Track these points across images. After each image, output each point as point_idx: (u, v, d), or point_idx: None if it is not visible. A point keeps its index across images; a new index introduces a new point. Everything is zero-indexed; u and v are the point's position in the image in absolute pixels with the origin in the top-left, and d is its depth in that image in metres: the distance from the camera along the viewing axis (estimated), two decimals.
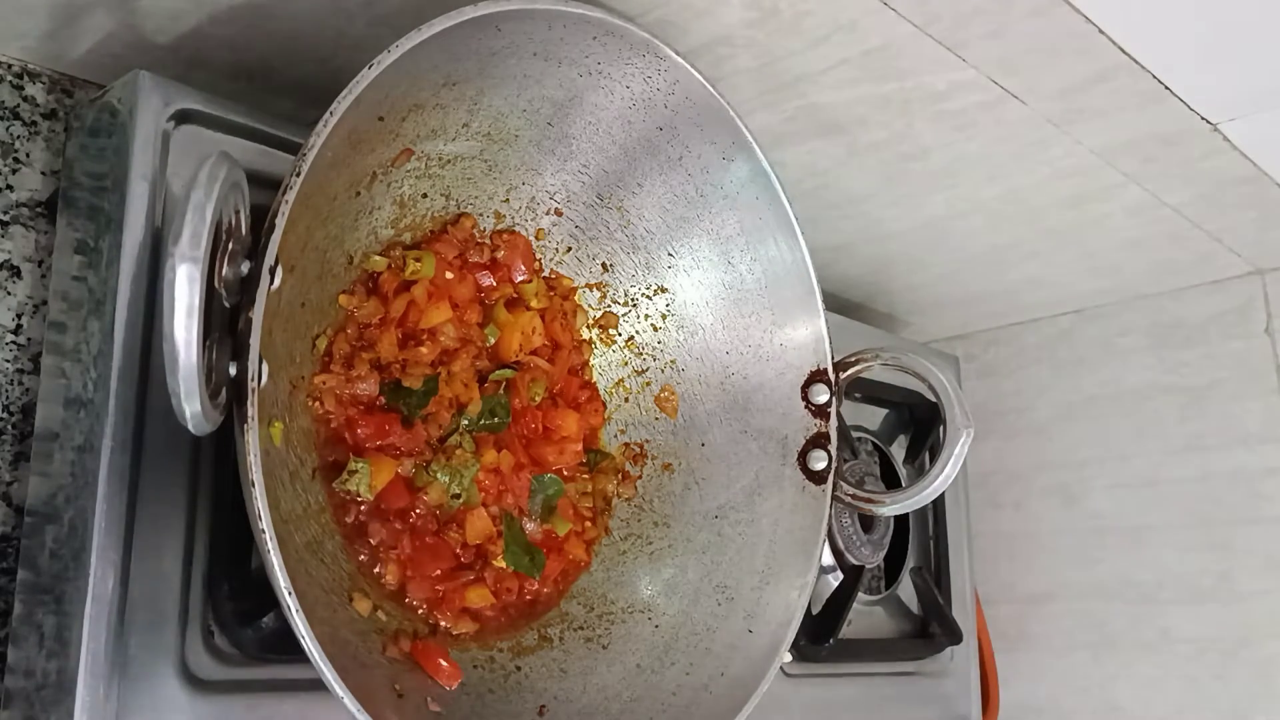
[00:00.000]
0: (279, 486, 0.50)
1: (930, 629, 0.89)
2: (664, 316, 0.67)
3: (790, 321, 0.64)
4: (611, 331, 0.67)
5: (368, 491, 0.54)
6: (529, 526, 0.61)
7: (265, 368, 0.45)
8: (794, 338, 0.64)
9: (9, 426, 0.56)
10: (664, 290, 0.67)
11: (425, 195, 0.60)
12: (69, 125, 0.59)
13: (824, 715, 0.79)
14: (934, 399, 0.62)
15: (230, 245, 0.45)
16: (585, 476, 0.65)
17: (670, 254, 0.66)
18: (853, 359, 0.64)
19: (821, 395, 0.64)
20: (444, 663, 0.53)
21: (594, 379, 0.67)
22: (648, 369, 0.68)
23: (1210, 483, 0.97)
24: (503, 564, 0.58)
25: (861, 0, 0.57)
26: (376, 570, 0.54)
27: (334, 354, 0.55)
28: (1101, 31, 0.59)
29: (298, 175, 0.45)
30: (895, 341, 1.01)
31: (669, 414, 0.67)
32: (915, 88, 0.66)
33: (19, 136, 0.59)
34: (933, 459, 0.70)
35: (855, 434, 0.88)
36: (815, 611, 0.78)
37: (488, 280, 0.62)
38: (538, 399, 0.62)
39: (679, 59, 0.58)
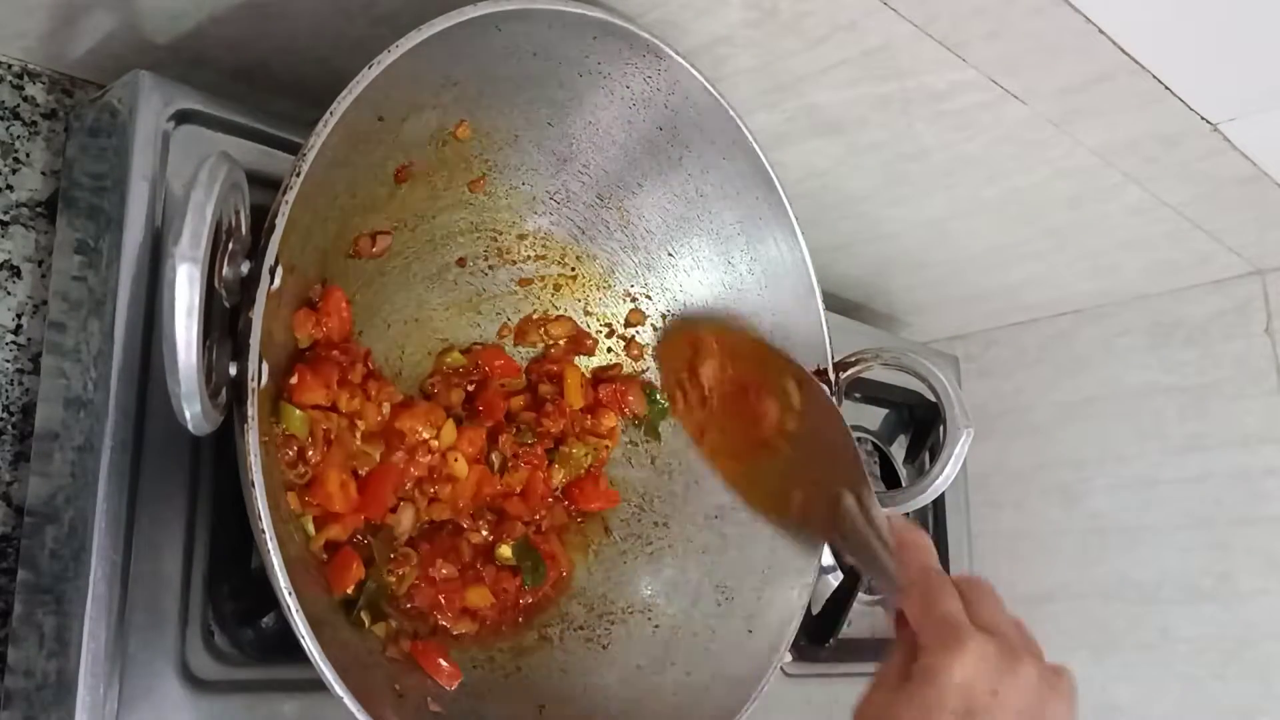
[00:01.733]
0: (279, 487, 0.50)
1: None
2: (664, 316, 0.67)
3: (790, 321, 0.64)
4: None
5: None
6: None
7: (265, 368, 0.45)
8: (794, 338, 0.64)
9: (9, 426, 0.56)
10: (664, 290, 0.67)
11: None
12: (69, 125, 0.59)
13: (824, 715, 0.79)
14: (934, 399, 0.62)
15: (230, 245, 0.45)
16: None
17: (670, 254, 0.66)
18: (853, 359, 0.64)
19: None
20: (444, 663, 0.53)
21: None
22: (648, 369, 0.67)
23: (1210, 483, 0.96)
24: (505, 557, 0.58)
25: (861, 0, 0.57)
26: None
27: None
28: (1101, 31, 0.59)
29: (298, 175, 0.45)
30: (895, 341, 1.01)
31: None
32: (915, 88, 0.66)
33: (19, 136, 0.59)
34: (933, 459, 0.70)
35: (855, 434, 0.88)
36: (815, 611, 0.78)
37: None
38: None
39: (679, 59, 0.58)
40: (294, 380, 0.50)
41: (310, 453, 0.51)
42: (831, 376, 0.63)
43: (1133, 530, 1.01)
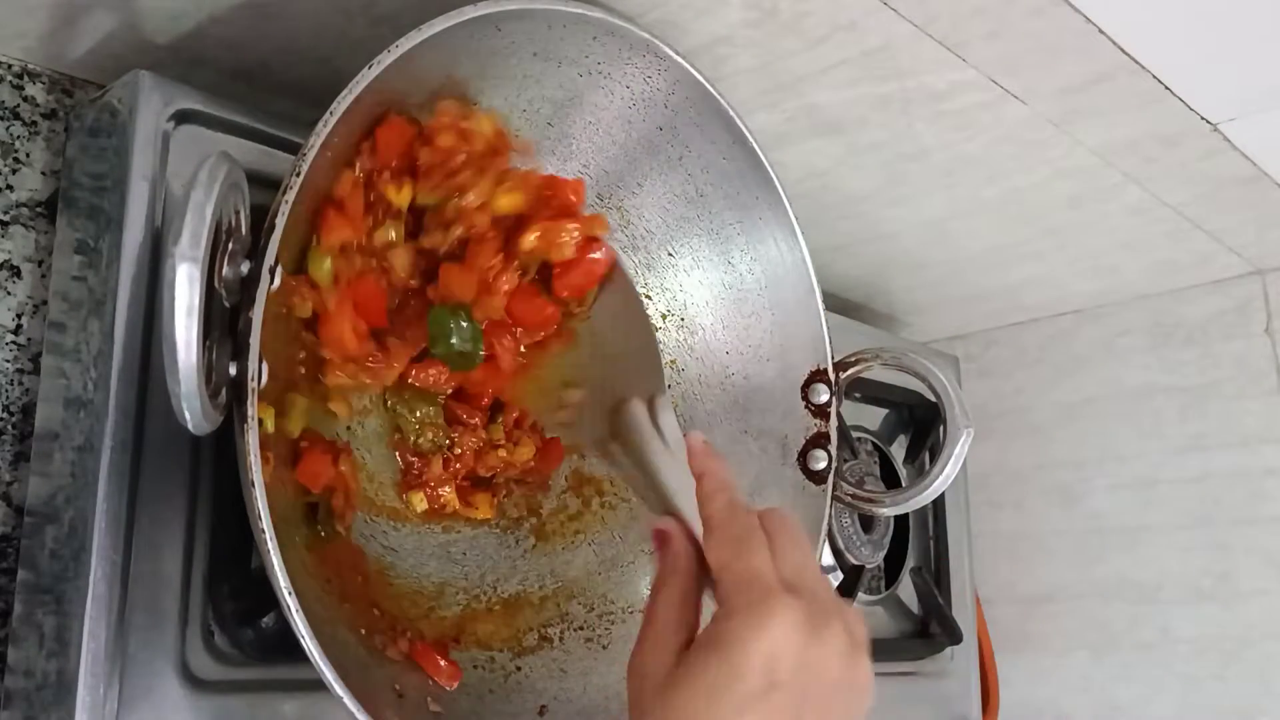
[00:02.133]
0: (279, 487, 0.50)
1: (930, 629, 0.90)
2: (664, 316, 0.67)
3: (790, 321, 0.64)
4: None
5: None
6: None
7: (265, 368, 0.45)
8: (794, 338, 0.64)
9: (9, 426, 0.56)
10: (664, 290, 0.67)
11: None
12: (69, 125, 0.59)
13: None
14: (934, 399, 0.62)
15: (230, 245, 0.45)
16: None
17: (670, 254, 0.66)
18: (853, 359, 0.64)
19: (821, 395, 0.64)
20: (444, 663, 0.53)
21: None
22: None
23: (1210, 483, 0.97)
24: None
25: (861, 0, 0.57)
26: None
27: None
28: (1101, 31, 0.59)
29: (298, 175, 0.45)
30: (895, 341, 1.01)
31: None
32: (915, 88, 0.66)
33: (19, 136, 0.59)
34: (933, 459, 0.70)
35: (855, 434, 0.88)
36: None
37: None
38: None
39: (679, 59, 0.58)
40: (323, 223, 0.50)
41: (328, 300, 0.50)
42: (831, 376, 0.64)
43: (1133, 530, 1.01)
